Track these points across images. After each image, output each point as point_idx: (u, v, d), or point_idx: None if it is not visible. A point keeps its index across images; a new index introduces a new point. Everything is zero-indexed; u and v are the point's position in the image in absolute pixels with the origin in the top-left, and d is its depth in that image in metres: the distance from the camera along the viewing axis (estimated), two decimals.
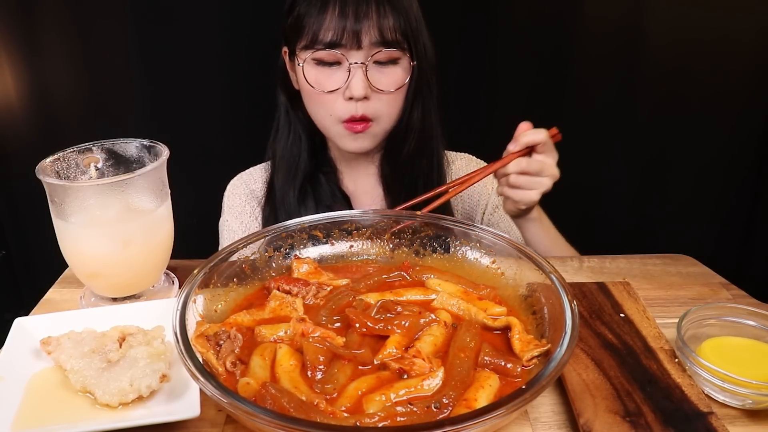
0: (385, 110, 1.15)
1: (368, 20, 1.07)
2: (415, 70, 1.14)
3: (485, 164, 1.36)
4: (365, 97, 1.11)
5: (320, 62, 1.11)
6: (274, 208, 1.25)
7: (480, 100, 1.74)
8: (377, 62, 1.11)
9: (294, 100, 1.23)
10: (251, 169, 1.34)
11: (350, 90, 1.10)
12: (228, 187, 1.34)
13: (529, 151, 1.04)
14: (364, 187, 1.30)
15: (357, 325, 0.73)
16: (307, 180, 1.24)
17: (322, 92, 1.12)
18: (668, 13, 1.64)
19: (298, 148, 1.24)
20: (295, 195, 1.23)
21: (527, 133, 1.03)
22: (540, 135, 1.02)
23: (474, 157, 1.37)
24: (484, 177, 1.06)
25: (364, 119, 1.13)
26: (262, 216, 1.28)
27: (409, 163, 1.23)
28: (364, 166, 1.29)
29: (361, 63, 1.09)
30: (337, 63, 1.11)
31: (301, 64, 1.13)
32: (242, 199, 1.30)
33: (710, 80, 1.69)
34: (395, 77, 1.13)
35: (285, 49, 1.20)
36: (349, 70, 1.10)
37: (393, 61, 1.12)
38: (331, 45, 1.08)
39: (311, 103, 1.17)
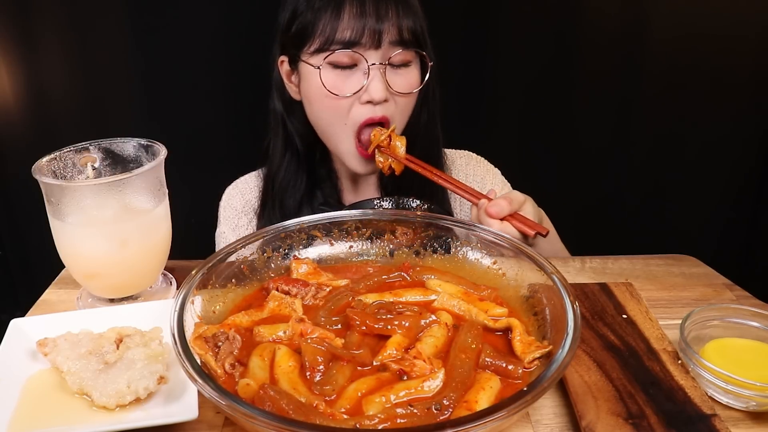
0: (399, 115, 1.13)
1: (388, 20, 1.06)
2: (429, 70, 1.13)
3: (486, 162, 1.35)
4: (384, 100, 1.09)
5: (335, 65, 1.08)
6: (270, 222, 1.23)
7: (481, 97, 1.74)
8: (391, 65, 1.09)
9: (291, 112, 1.20)
10: (246, 176, 1.32)
11: (369, 93, 1.08)
12: (223, 197, 1.31)
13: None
14: (365, 197, 1.28)
15: (357, 323, 0.73)
16: (305, 196, 1.22)
17: (339, 96, 1.09)
18: (670, 11, 1.63)
19: (295, 165, 1.21)
20: (293, 209, 1.21)
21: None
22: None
23: (474, 154, 1.36)
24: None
25: (384, 120, 1.10)
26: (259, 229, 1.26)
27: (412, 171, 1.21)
28: (365, 176, 1.27)
29: (380, 64, 1.07)
30: (352, 66, 1.08)
31: (318, 67, 1.08)
32: (238, 211, 1.28)
33: (714, 79, 1.69)
34: (410, 79, 1.12)
35: (282, 58, 1.18)
36: (368, 73, 1.07)
37: (405, 64, 1.11)
38: (350, 44, 1.06)
39: (323, 111, 1.13)
